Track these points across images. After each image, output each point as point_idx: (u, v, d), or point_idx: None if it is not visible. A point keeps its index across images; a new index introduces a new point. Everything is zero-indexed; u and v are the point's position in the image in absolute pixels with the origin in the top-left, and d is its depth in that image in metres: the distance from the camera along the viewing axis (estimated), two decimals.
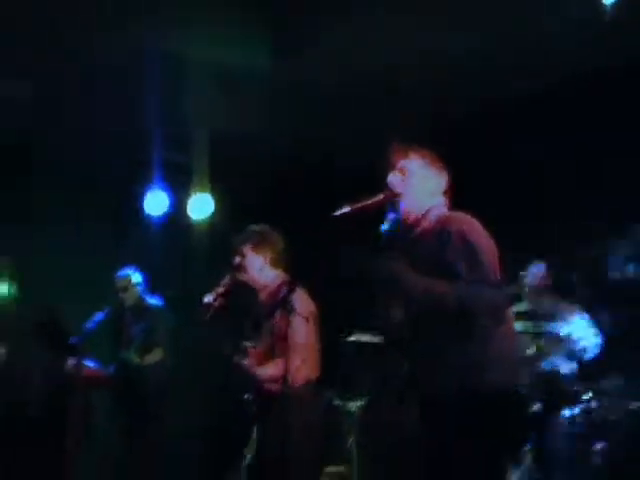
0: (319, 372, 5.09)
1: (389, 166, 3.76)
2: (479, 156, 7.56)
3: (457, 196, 3.83)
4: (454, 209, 3.78)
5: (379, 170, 3.79)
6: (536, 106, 7.46)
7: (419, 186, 3.73)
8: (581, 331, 6.86)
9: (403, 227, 3.71)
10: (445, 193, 3.81)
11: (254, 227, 5.32)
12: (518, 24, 6.62)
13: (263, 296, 5.19)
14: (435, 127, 7.46)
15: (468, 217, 3.60)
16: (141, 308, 7.90)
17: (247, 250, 5.21)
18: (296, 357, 4.71)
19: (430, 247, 3.54)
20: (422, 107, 7.82)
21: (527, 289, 7.00)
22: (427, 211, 3.70)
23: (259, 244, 5.20)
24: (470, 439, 3.34)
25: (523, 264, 7.02)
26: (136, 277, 7.98)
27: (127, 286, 7.91)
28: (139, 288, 7.97)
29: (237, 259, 5.20)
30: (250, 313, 5.27)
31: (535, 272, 7.07)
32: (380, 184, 3.76)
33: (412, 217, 3.69)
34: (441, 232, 3.52)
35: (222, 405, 8.84)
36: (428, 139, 3.87)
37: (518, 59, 7.10)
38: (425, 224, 3.67)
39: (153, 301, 7.98)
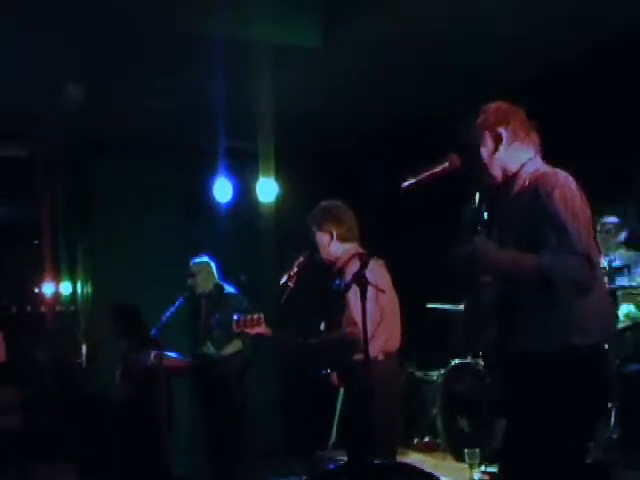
0: (400, 343, 5.11)
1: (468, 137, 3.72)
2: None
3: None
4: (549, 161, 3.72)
5: (446, 140, 3.76)
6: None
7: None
8: None
9: (495, 191, 3.68)
10: (534, 143, 3.69)
11: (322, 203, 5.32)
12: None
13: (336, 271, 5.18)
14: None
15: (562, 177, 3.50)
16: (218, 296, 7.89)
17: (314, 228, 5.24)
18: (375, 329, 4.75)
19: (523, 208, 3.50)
20: (473, 76, 7.79)
21: (600, 243, 6.88)
22: (519, 168, 3.63)
23: (324, 221, 5.20)
24: (551, 396, 3.37)
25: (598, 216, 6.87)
26: (211, 265, 7.98)
27: (202, 274, 7.91)
28: (215, 275, 7.97)
29: (311, 238, 5.22)
30: (325, 290, 5.28)
31: (607, 226, 7.00)
32: (447, 152, 3.73)
33: (501, 179, 3.67)
34: (535, 193, 3.45)
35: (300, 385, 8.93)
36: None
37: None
38: (520, 182, 3.61)
39: (230, 289, 7.95)
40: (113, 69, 7.57)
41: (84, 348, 9.45)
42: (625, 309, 6.66)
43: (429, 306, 8.03)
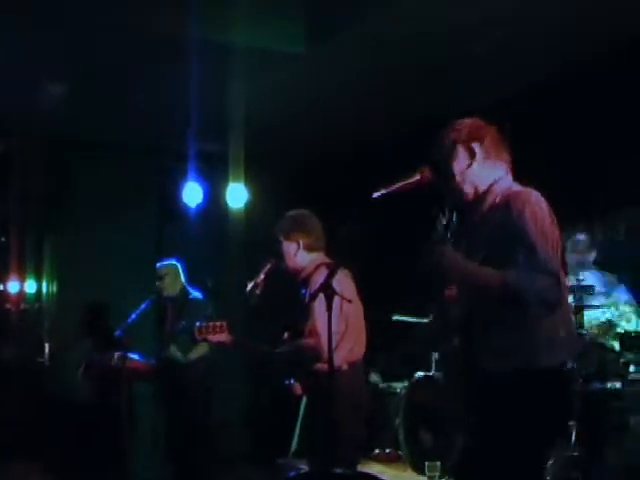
0: (365, 354, 5.11)
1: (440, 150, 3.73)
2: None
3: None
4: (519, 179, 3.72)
5: (417, 153, 3.76)
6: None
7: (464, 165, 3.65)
8: (623, 305, 6.83)
9: (465, 206, 3.69)
10: (505, 162, 3.71)
11: (289, 213, 5.31)
12: None
13: (301, 281, 5.17)
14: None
15: (534, 196, 3.51)
16: (184, 301, 7.83)
17: (281, 237, 5.22)
18: (340, 339, 4.74)
19: (494, 225, 3.51)
20: (453, 91, 7.81)
21: (568, 262, 6.91)
22: (490, 186, 3.64)
23: (292, 230, 5.18)
24: (513, 416, 3.38)
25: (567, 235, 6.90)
26: (179, 268, 7.93)
27: (170, 276, 7.85)
28: (182, 279, 7.93)
29: (277, 247, 5.21)
30: (291, 299, 5.27)
31: (576, 245, 7.03)
32: (417, 165, 3.73)
33: (473, 195, 3.66)
34: (506, 210, 3.47)
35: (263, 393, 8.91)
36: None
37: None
38: (491, 199, 3.61)
39: (196, 294, 7.90)
40: (92, 69, 7.56)
41: (47, 347, 9.38)
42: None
43: (394, 318, 8.04)
